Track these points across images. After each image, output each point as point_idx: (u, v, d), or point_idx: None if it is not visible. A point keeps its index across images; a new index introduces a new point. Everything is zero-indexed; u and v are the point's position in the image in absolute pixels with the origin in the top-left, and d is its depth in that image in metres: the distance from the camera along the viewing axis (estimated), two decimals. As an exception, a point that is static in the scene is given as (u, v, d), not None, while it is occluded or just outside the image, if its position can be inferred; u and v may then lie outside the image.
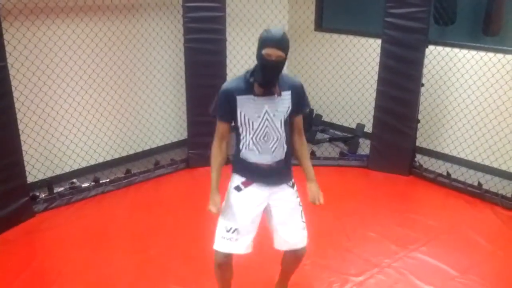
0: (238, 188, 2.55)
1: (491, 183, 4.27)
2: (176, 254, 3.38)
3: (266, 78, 2.32)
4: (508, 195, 4.07)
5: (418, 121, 4.60)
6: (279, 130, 2.41)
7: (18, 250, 3.41)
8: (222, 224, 2.58)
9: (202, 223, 3.78)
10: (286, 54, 2.31)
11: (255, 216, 2.52)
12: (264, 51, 2.27)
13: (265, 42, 2.29)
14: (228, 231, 2.55)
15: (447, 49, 4.63)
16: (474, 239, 3.58)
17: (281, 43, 2.27)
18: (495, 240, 3.56)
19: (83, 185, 4.23)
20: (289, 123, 2.46)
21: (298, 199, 2.56)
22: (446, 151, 4.91)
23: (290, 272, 2.80)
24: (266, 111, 2.38)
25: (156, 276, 3.14)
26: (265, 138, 2.42)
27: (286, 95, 2.39)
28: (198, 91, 4.56)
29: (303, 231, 2.57)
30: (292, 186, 2.55)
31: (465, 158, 4.72)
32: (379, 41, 4.55)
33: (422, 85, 4.46)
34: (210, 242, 3.52)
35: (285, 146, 2.46)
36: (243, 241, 2.54)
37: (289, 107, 2.41)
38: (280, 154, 2.45)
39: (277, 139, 2.42)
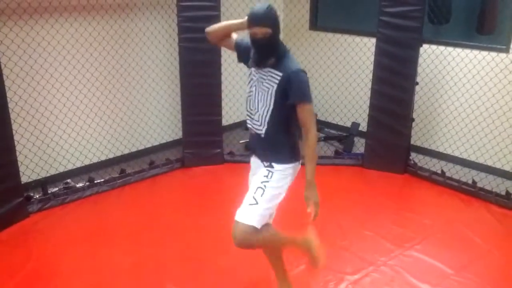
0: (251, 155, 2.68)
1: (485, 181, 4.29)
2: (171, 254, 3.38)
3: (257, 55, 2.38)
4: (502, 193, 4.09)
5: (413, 120, 4.62)
6: (258, 102, 2.45)
7: (12, 251, 3.39)
8: None
9: (198, 223, 3.79)
10: (275, 28, 2.32)
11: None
12: (250, 31, 2.33)
13: (249, 21, 2.33)
14: None
15: (442, 47, 4.65)
16: (468, 237, 3.59)
17: (265, 19, 2.29)
18: (490, 238, 3.57)
19: (77, 185, 4.22)
20: (286, 110, 2.41)
21: (265, 178, 2.46)
22: (441, 149, 4.93)
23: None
24: (257, 80, 2.45)
25: (152, 276, 3.13)
26: (250, 104, 2.52)
27: (276, 75, 2.37)
28: (192, 90, 4.56)
29: (247, 207, 2.45)
30: (268, 167, 2.48)
31: (460, 156, 4.74)
32: (373, 40, 4.55)
33: (417, 83, 4.47)
34: (206, 241, 3.53)
35: (265, 125, 2.45)
36: None
37: (273, 87, 2.38)
38: (259, 127, 2.48)
39: (255, 110, 2.47)
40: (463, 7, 4.76)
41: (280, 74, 2.36)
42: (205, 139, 4.74)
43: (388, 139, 4.60)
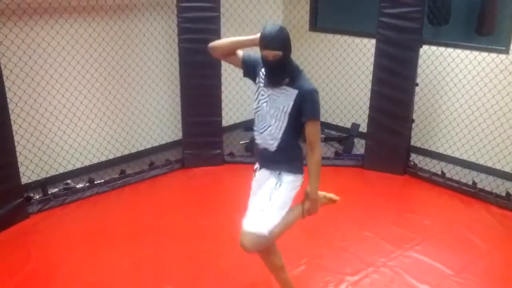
0: (254, 171, 2.70)
1: (485, 182, 4.29)
2: (171, 254, 3.38)
3: (271, 75, 2.42)
4: (502, 194, 4.09)
5: (413, 121, 4.62)
6: (270, 119, 2.47)
7: (12, 252, 3.39)
8: None
9: (198, 224, 3.79)
10: (286, 50, 2.33)
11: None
12: (262, 53, 2.36)
13: (261, 43, 2.34)
14: None
15: (441, 48, 4.65)
16: (468, 238, 3.59)
17: (276, 42, 2.30)
18: (490, 239, 3.57)
19: (77, 186, 4.22)
20: (298, 126, 2.47)
21: (273, 187, 2.51)
22: (441, 150, 4.93)
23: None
24: (268, 97, 2.47)
25: (152, 277, 3.13)
26: (260, 119, 2.54)
27: (291, 93, 2.41)
28: (192, 91, 4.56)
29: (255, 215, 2.48)
30: (277, 177, 2.53)
31: (460, 157, 4.74)
32: (373, 41, 4.56)
33: (417, 84, 4.47)
34: (206, 242, 3.53)
35: (278, 140, 2.49)
36: None
37: (289, 105, 2.42)
38: (270, 141, 2.50)
39: (267, 126, 2.49)
40: (462, 8, 4.77)
41: (296, 91, 2.40)
42: (205, 140, 4.74)
43: (388, 140, 4.60)
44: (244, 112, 5.59)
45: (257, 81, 2.56)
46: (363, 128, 5.07)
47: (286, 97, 2.42)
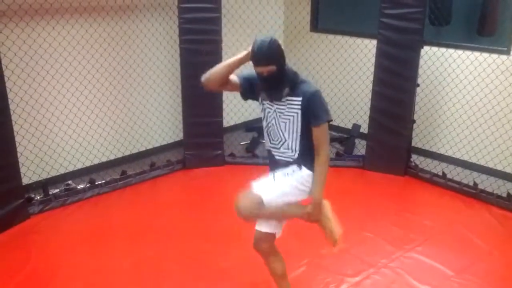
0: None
1: (487, 183, 4.28)
2: (171, 255, 3.38)
3: (269, 90, 2.38)
4: (504, 195, 4.08)
5: (414, 122, 4.62)
6: (283, 133, 2.43)
7: (13, 253, 3.40)
8: None
9: (199, 224, 3.79)
10: (279, 62, 2.29)
11: None
12: (255, 70, 2.32)
13: (253, 60, 2.31)
14: None
15: (442, 49, 4.64)
16: (469, 239, 3.59)
17: (267, 58, 2.26)
18: (491, 240, 3.57)
19: (78, 187, 4.22)
20: (310, 130, 2.42)
21: (291, 172, 2.46)
22: (442, 151, 4.93)
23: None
24: (274, 112, 2.43)
25: (152, 277, 3.13)
26: (272, 136, 2.49)
27: (296, 101, 2.37)
28: (193, 92, 4.55)
29: (258, 184, 2.45)
30: (297, 167, 2.46)
31: (461, 158, 4.74)
32: (374, 42, 4.55)
33: (418, 85, 4.47)
34: (206, 243, 3.53)
35: (297, 150, 2.45)
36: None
37: (297, 113, 2.38)
38: (290, 154, 2.47)
39: (282, 141, 2.45)
40: (463, 9, 4.76)
41: (300, 98, 2.36)
42: (206, 140, 4.74)
43: (389, 141, 4.60)
44: (245, 113, 5.59)
45: (259, 99, 2.51)
46: (364, 128, 5.06)
47: (292, 108, 2.38)
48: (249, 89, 2.50)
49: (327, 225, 2.55)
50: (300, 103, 2.36)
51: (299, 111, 2.38)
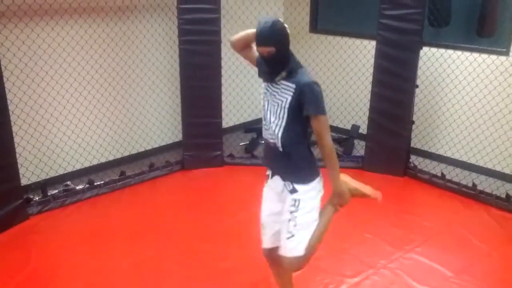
0: (266, 178, 2.58)
1: (486, 184, 4.28)
2: (171, 256, 3.37)
3: (267, 70, 2.36)
4: (502, 195, 4.08)
5: (413, 122, 4.62)
6: (271, 117, 2.38)
7: (12, 253, 3.39)
8: None
9: (198, 225, 3.79)
10: (279, 44, 2.27)
11: (269, 211, 2.55)
12: (257, 49, 2.32)
13: (255, 40, 2.31)
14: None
15: (442, 50, 4.65)
16: (468, 239, 3.59)
17: (268, 38, 2.25)
18: (490, 241, 3.57)
19: (77, 188, 4.22)
20: (299, 124, 2.36)
21: (292, 208, 2.43)
22: (441, 152, 4.93)
23: (280, 279, 2.77)
24: (269, 94, 2.40)
25: (151, 278, 3.13)
26: (264, 117, 2.46)
27: (289, 87, 2.32)
28: (192, 92, 4.57)
29: (286, 241, 2.45)
30: (292, 192, 2.42)
31: (460, 159, 4.74)
32: (373, 43, 4.56)
33: (417, 86, 4.47)
34: (205, 244, 3.53)
35: (279, 139, 2.37)
36: (265, 234, 2.60)
37: (287, 100, 2.31)
38: (274, 140, 2.41)
39: (268, 124, 2.41)
40: (463, 10, 4.77)
41: (294, 86, 2.30)
42: (205, 141, 4.74)
43: (388, 142, 4.60)
44: (244, 114, 5.58)
45: (262, 78, 2.50)
46: (363, 129, 5.07)
47: (285, 92, 2.33)
48: (260, 68, 2.50)
49: (359, 193, 2.70)
50: (293, 90, 2.30)
51: (289, 98, 2.30)
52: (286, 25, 2.32)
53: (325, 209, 2.56)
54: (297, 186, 2.41)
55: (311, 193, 2.45)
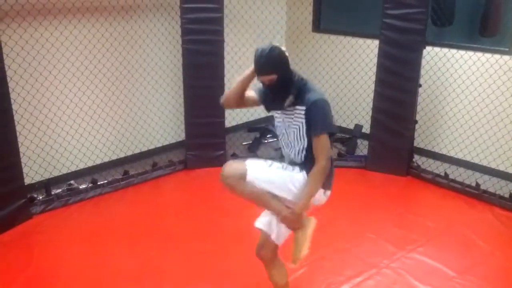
0: None
1: (489, 184, 4.27)
2: (174, 255, 3.38)
3: (274, 98, 2.36)
4: (506, 195, 4.07)
5: (416, 122, 4.61)
6: (292, 142, 2.40)
7: (15, 252, 3.40)
8: None
9: (200, 225, 3.79)
10: (280, 70, 2.26)
11: None
12: (258, 80, 2.32)
13: (255, 70, 2.31)
14: None
15: (445, 50, 4.64)
16: (472, 239, 3.58)
17: (267, 66, 2.25)
18: (493, 241, 3.56)
19: (80, 187, 4.23)
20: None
21: (291, 168, 2.39)
22: (444, 151, 4.92)
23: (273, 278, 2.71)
24: (283, 121, 2.41)
25: (154, 277, 3.14)
26: (284, 144, 2.47)
27: (301, 110, 2.32)
28: (195, 92, 4.57)
29: (250, 161, 2.37)
30: (300, 169, 2.38)
31: (463, 158, 4.73)
32: (376, 42, 4.55)
33: (420, 86, 4.47)
34: (208, 244, 3.53)
35: (303, 158, 2.38)
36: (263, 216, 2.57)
37: (302, 123, 2.33)
38: (298, 160, 2.42)
39: (293, 147, 2.41)
40: (466, 9, 4.75)
41: (304, 107, 2.30)
42: (208, 141, 4.74)
43: (391, 141, 4.60)
44: (247, 113, 5.59)
45: (269, 108, 2.50)
46: (366, 129, 5.06)
47: (298, 117, 2.33)
48: (266, 102, 2.48)
49: (299, 240, 2.43)
50: (304, 112, 2.31)
51: (303, 120, 2.32)
52: (284, 49, 2.31)
53: (279, 200, 2.41)
54: (303, 170, 2.37)
55: (299, 181, 2.37)
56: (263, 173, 2.36)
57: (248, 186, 2.32)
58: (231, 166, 2.34)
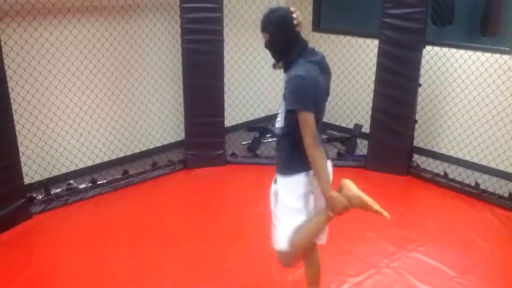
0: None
1: (489, 183, 4.27)
2: (173, 255, 3.38)
3: (272, 56, 2.38)
4: (505, 195, 4.08)
5: (416, 121, 4.61)
6: (281, 105, 2.34)
7: (14, 252, 3.40)
8: None
9: (200, 224, 3.79)
10: (274, 31, 2.27)
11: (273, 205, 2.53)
12: None
13: None
14: None
15: (445, 49, 4.64)
16: (472, 239, 3.58)
17: (263, 24, 2.30)
18: (493, 240, 3.56)
19: (80, 186, 4.23)
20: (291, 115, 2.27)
21: (275, 198, 2.42)
22: (444, 151, 4.92)
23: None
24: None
25: (154, 277, 3.13)
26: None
27: (286, 79, 2.31)
28: (195, 91, 4.57)
29: (273, 231, 2.47)
30: (275, 182, 2.42)
31: (463, 158, 4.73)
32: (376, 42, 4.55)
33: (420, 85, 4.47)
34: (208, 243, 3.53)
35: (280, 129, 2.36)
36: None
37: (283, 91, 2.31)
38: (277, 132, 2.42)
39: (280, 110, 2.37)
40: (466, 9, 4.76)
41: (287, 79, 2.29)
42: (207, 140, 4.74)
43: (390, 141, 4.60)
44: (246, 113, 5.59)
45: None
46: (366, 128, 5.06)
47: (285, 84, 2.31)
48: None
49: (361, 203, 2.52)
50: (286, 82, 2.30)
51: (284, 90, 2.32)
52: (294, 16, 2.26)
53: (320, 211, 2.46)
54: (278, 177, 2.40)
55: (290, 186, 2.36)
56: (282, 225, 2.41)
57: (296, 245, 2.40)
58: (277, 255, 2.46)
